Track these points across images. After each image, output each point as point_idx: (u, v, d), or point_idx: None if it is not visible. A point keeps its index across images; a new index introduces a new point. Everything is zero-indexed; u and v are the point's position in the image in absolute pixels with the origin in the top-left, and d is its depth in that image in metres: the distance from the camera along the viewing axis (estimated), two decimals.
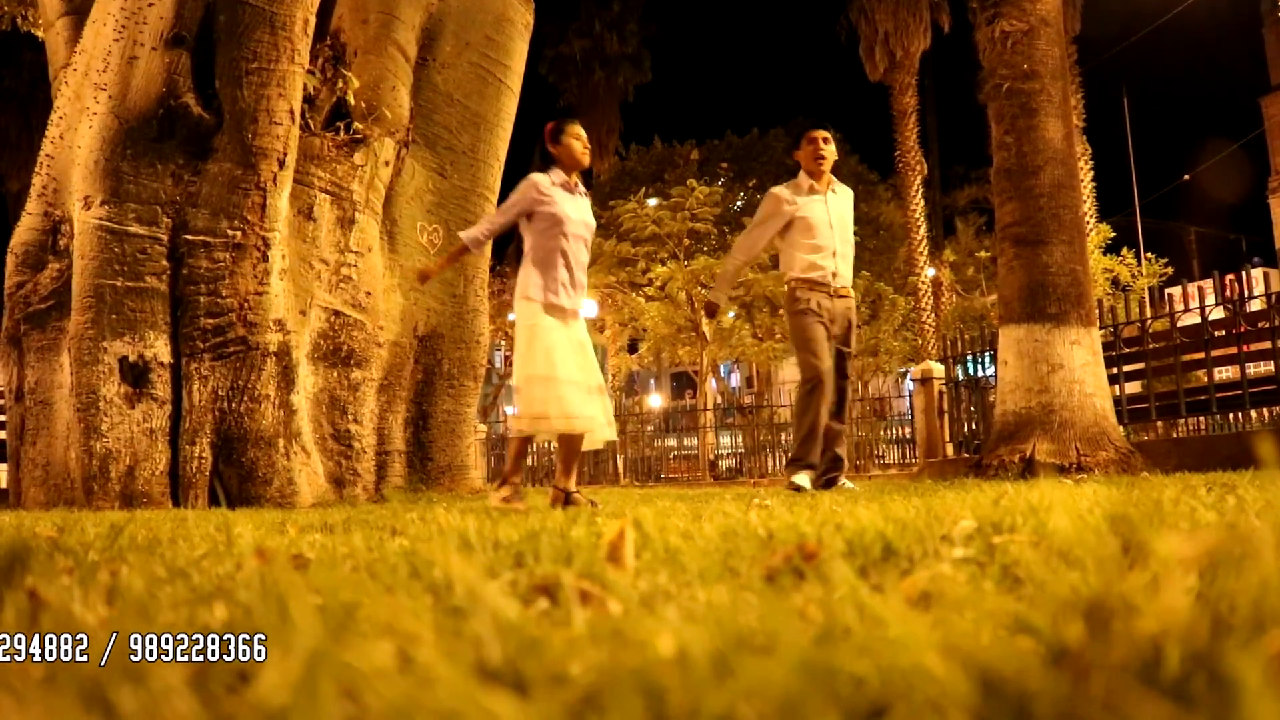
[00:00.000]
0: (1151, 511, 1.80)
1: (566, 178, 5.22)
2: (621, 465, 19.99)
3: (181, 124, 7.05)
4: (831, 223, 6.42)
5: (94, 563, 1.62)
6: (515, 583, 1.10)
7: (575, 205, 5.20)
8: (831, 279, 6.36)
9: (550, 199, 5.13)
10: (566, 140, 5.25)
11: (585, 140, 5.34)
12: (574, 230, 5.13)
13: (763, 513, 2.40)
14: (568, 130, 5.29)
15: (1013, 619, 0.69)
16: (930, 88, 31.26)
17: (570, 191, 5.21)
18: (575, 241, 5.13)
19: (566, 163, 5.25)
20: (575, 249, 5.14)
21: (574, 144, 5.25)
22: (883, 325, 26.14)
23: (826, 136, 6.49)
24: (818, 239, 6.36)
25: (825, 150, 6.44)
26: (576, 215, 5.17)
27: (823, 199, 6.43)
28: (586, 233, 5.25)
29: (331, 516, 3.94)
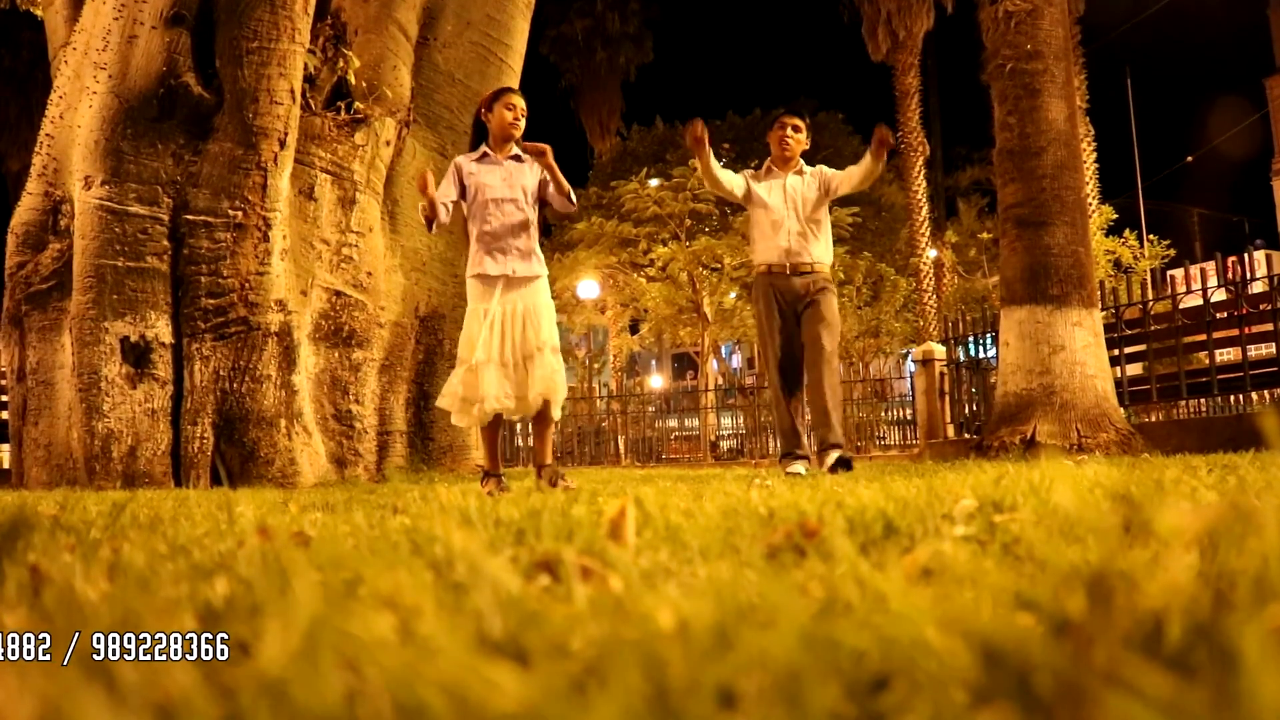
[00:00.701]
0: (1152, 490, 1.80)
1: (491, 150, 5.22)
2: (623, 446, 20.01)
3: (182, 103, 7.03)
4: (791, 202, 6.35)
5: (96, 540, 1.63)
6: (516, 559, 1.10)
7: (496, 172, 5.18)
8: (786, 258, 6.30)
9: (467, 172, 5.19)
10: (496, 108, 5.22)
11: (520, 109, 5.24)
12: (493, 195, 5.13)
13: (764, 492, 2.41)
14: (500, 99, 5.26)
15: (1014, 593, 0.69)
16: (933, 68, 31.13)
17: (492, 162, 5.20)
18: (496, 207, 5.13)
19: (495, 132, 5.24)
20: (497, 214, 5.12)
21: (504, 113, 5.20)
22: (884, 306, 26.12)
23: (798, 125, 6.43)
24: (774, 218, 6.32)
25: (791, 138, 6.37)
26: (497, 180, 5.16)
27: (781, 182, 6.38)
28: (512, 192, 5.16)
29: (333, 496, 3.94)
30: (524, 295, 5.11)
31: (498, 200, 5.13)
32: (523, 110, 5.26)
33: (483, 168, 5.20)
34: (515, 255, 5.11)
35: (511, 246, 5.11)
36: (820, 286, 6.26)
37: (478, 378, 4.97)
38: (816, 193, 6.39)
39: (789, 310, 6.26)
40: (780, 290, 6.26)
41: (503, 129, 5.21)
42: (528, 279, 5.14)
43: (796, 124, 6.42)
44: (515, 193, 5.16)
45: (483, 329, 5.01)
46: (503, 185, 5.15)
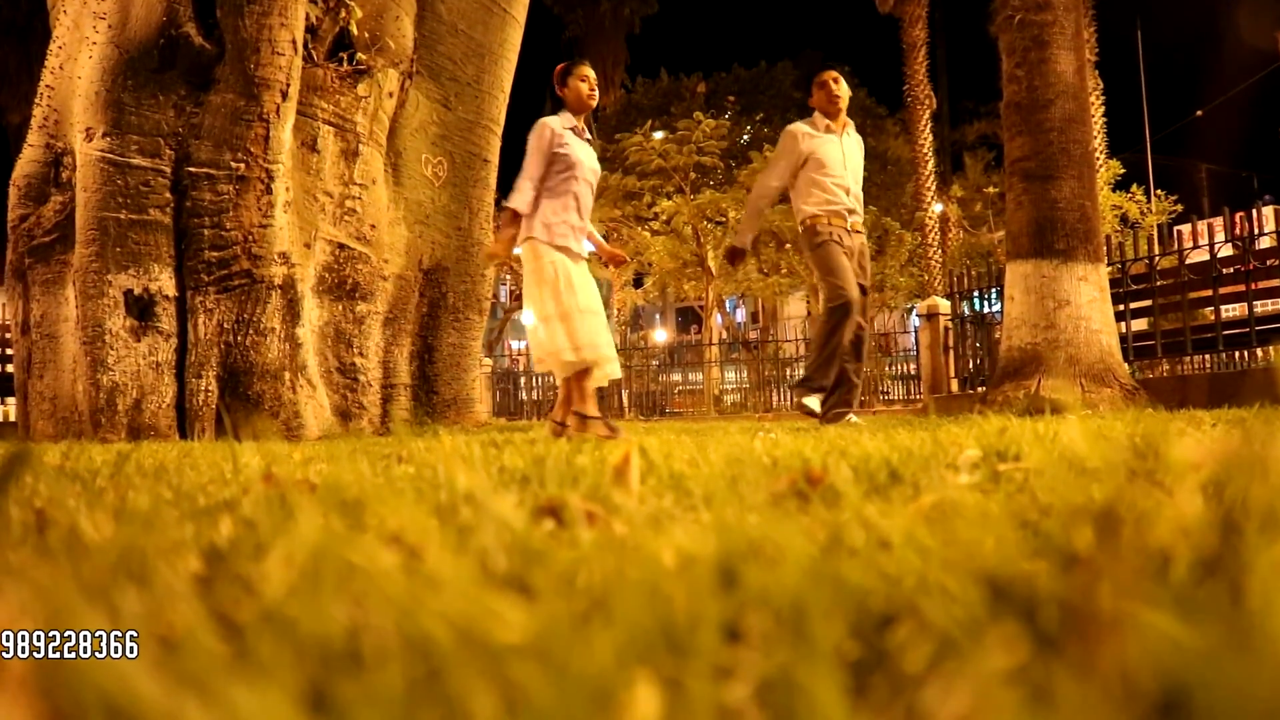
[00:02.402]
0: (1158, 439, 1.80)
1: (575, 121, 5.24)
2: (626, 400, 20.05)
3: (183, 54, 6.97)
4: (846, 163, 6.41)
5: (101, 487, 1.63)
6: (521, 503, 1.11)
7: (585, 150, 5.24)
8: (845, 216, 6.35)
9: (566, 143, 5.17)
10: (573, 83, 5.26)
11: (593, 81, 5.31)
12: (585, 175, 5.18)
13: (768, 442, 2.41)
14: (575, 72, 5.28)
15: (1020, 533, 0.69)
16: (941, 20, 30.79)
17: (579, 136, 5.23)
18: (585, 186, 5.17)
19: (573, 105, 5.27)
20: (585, 193, 5.17)
21: (580, 86, 5.24)
22: (889, 260, 26.05)
23: (837, 76, 6.49)
24: (834, 176, 6.34)
25: (839, 90, 6.44)
26: (588, 160, 5.22)
27: (838, 139, 6.41)
28: (594, 178, 5.29)
29: (338, 448, 3.96)
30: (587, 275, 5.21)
31: (585, 179, 5.20)
32: (595, 81, 5.33)
33: (575, 141, 5.23)
34: (583, 235, 5.23)
35: (582, 227, 5.22)
36: (866, 252, 6.47)
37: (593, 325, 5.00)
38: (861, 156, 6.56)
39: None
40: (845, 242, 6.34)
41: (580, 101, 5.27)
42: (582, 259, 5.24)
43: (836, 76, 6.53)
44: (596, 175, 5.28)
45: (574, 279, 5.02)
46: (588, 164, 5.23)
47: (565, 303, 4.97)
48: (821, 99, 6.48)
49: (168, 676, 0.45)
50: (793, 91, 26.86)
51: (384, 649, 0.49)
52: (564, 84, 5.29)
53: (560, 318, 4.97)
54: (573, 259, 5.11)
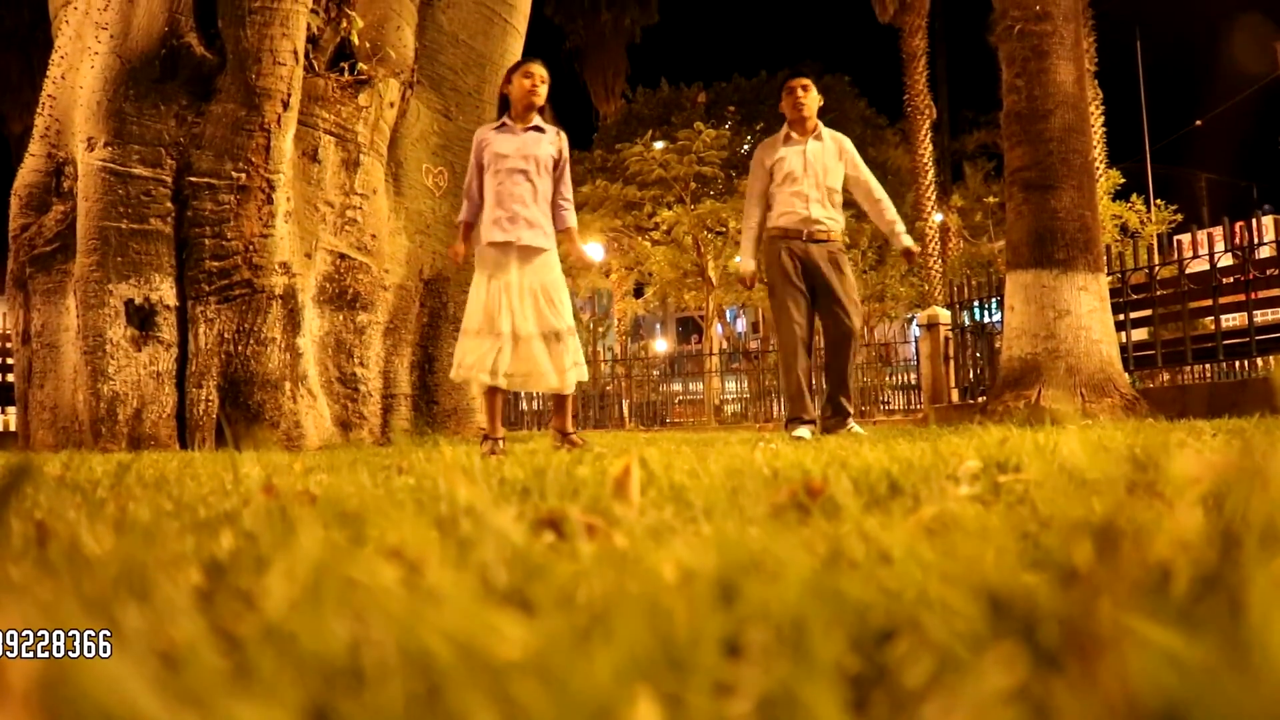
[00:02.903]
0: (1158, 450, 1.80)
1: (510, 120, 5.21)
2: (627, 410, 20.05)
3: (184, 64, 6.99)
4: (811, 168, 6.37)
5: (101, 498, 1.63)
6: (521, 516, 1.11)
7: (512, 140, 5.17)
8: (805, 224, 6.31)
9: (486, 142, 5.22)
10: (516, 79, 5.24)
11: (539, 78, 5.23)
12: (508, 165, 5.13)
13: (768, 453, 2.41)
14: (520, 69, 5.27)
15: (1020, 546, 0.69)
16: (941, 30, 30.85)
17: (510, 131, 5.19)
18: (510, 175, 5.12)
19: (515, 101, 5.23)
20: (511, 182, 5.12)
21: (523, 82, 5.20)
22: (889, 270, 26.06)
23: (805, 84, 6.47)
24: (795, 185, 6.34)
25: (804, 99, 6.41)
26: (510, 149, 5.15)
27: (802, 147, 6.39)
28: (526, 164, 5.16)
29: (338, 458, 3.95)
30: (536, 270, 5.13)
31: (509, 170, 5.13)
32: (542, 77, 5.24)
33: (499, 136, 5.21)
34: (523, 224, 5.09)
35: (519, 216, 5.09)
36: (838, 256, 6.33)
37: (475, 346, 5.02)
38: (836, 161, 6.44)
39: (804, 276, 6.29)
40: (797, 255, 6.29)
41: (523, 97, 5.20)
42: (536, 250, 5.14)
43: (804, 84, 6.46)
44: (527, 163, 5.15)
45: (486, 299, 5.05)
46: (515, 154, 5.15)
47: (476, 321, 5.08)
48: (786, 105, 6.48)
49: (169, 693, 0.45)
50: None
51: (385, 665, 0.49)
52: (508, 81, 5.28)
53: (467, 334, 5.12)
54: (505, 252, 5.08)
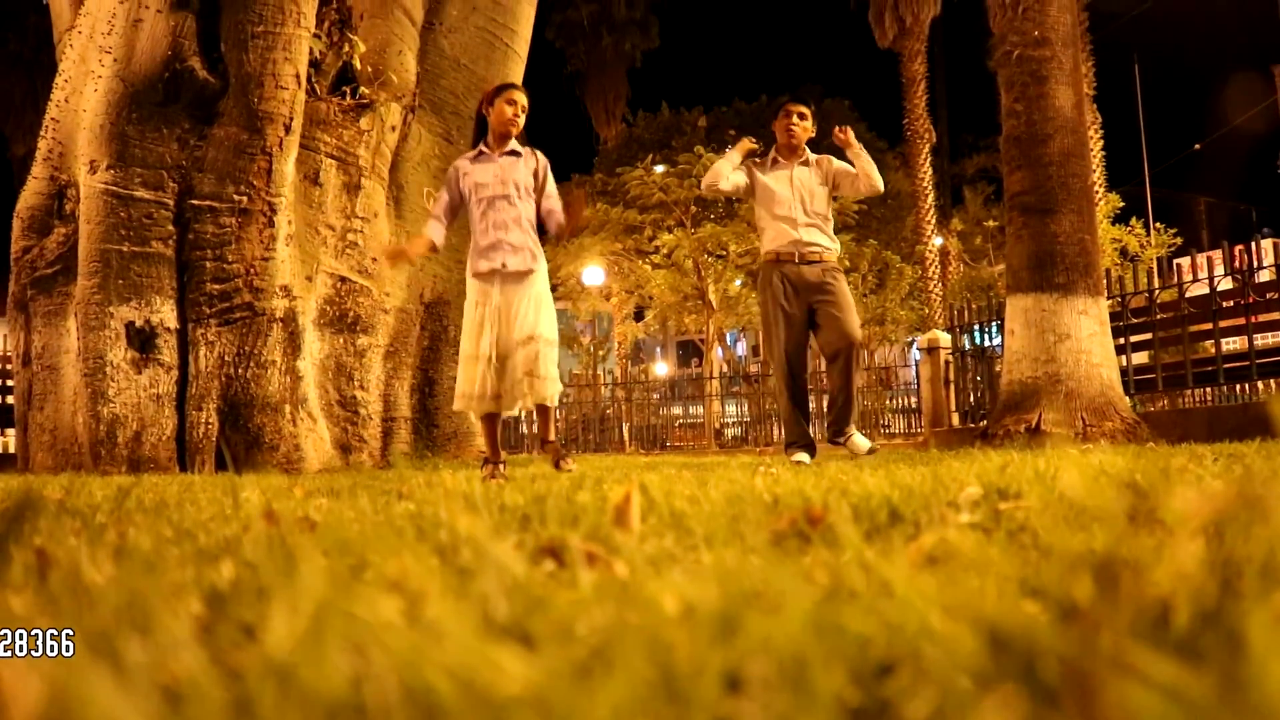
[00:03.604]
0: (1158, 478, 1.80)
1: (488, 147, 5.21)
2: (627, 433, 20.03)
3: (187, 88, 7.02)
4: (798, 193, 6.36)
5: (101, 524, 1.63)
6: (522, 544, 1.11)
7: (490, 168, 5.16)
8: (795, 247, 6.31)
9: (464, 173, 5.22)
10: (498, 103, 5.20)
11: (520, 105, 5.22)
12: (487, 193, 5.13)
13: (769, 479, 2.41)
14: (501, 94, 5.25)
15: (1020, 579, 0.69)
16: (940, 55, 31.02)
17: (488, 159, 5.19)
18: (491, 203, 5.12)
19: (494, 126, 5.21)
20: (493, 210, 5.12)
21: (504, 108, 5.17)
22: (889, 294, 26.08)
23: (803, 113, 6.43)
24: (780, 209, 6.33)
25: (796, 126, 6.39)
26: (489, 177, 5.14)
27: (789, 172, 6.39)
28: (504, 189, 5.14)
29: (338, 482, 3.95)
30: (522, 289, 5.10)
31: (490, 198, 5.13)
32: (523, 106, 5.22)
33: (476, 166, 5.20)
34: (507, 250, 5.08)
35: (503, 242, 5.09)
36: (831, 274, 6.30)
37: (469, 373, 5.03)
38: (822, 185, 6.41)
39: (799, 299, 6.27)
40: (790, 278, 6.27)
41: (502, 124, 5.18)
42: (521, 274, 5.11)
43: (802, 112, 6.43)
44: (507, 189, 5.13)
45: (473, 326, 5.08)
46: (495, 182, 5.14)
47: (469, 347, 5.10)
48: (779, 128, 6.44)
49: None
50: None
51: (386, 702, 0.49)
52: (490, 103, 5.24)
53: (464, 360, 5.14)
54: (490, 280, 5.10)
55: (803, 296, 6.26)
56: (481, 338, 5.03)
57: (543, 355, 5.04)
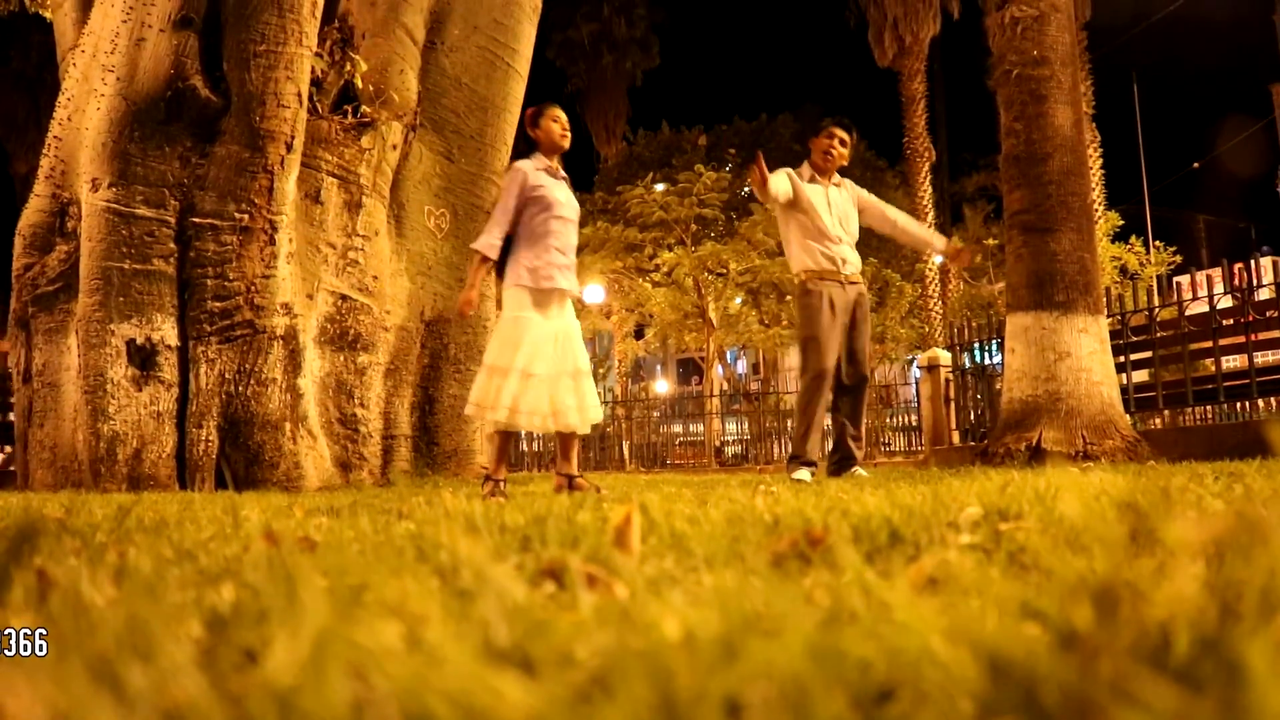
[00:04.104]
0: (1158, 499, 1.80)
1: (549, 162, 5.25)
2: (627, 451, 20.00)
3: (189, 106, 7.04)
4: (835, 212, 6.39)
5: (102, 543, 1.63)
6: (522, 566, 1.11)
7: (562, 188, 5.22)
8: (841, 265, 6.32)
9: (541, 184, 5.18)
10: (545, 123, 5.26)
11: (565, 123, 5.31)
12: (562, 213, 5.16)
13: (769, 499, 2.41)
14: (546, 113, 5.30)
15: (1020, 603, 0.69)
16: (939, 74, 31.13)
17: (554, 176, 5.23)
18: (564, 224, 5.15)
19: (545, 146, 5.27)
20: (565, 231, 5.15)
21: (553, 126, 5.25)
22: (889, 312, 26.08)
23: (844, 139, 6.43)
24: (822, 225, 6.32)
25: (836, 150, 6.41)
26: (564, 198, 5.19)
27: (824, 191, 6.40)
28: (574, 215, 5.26)
29: (338, 500, 3.95)
30: (565, 313, 5.18)
31: (560, 217, 5.16)
32: (566, 122, 5.35)
33: (550, 181, 5.22)
34: (565, 270, 5.16)
35: (567, 264, 5.16)
36: (864, 300, 6.35)
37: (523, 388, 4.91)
38: (853, 207, 6.46)
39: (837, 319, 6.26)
40: (836, 299, 6.26)
41: (553, 142, 5.28)
42: (566, 295, 5.20)
43: (844, 138, 6.45)
44: (575, 212, 5.24)
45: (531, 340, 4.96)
46: (568, 203, 5.21)
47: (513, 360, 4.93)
48: (818, 146, 6.44)
49: None
50: (793, 144, 27.06)
51: None
52: (536, 125, 5.30)
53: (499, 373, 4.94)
54: (552, 300, 5.10)
55: (839, 318, 6.26)
56: (520, 352, 4.93)
57: (589, 388, 5.13)
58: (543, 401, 4.92)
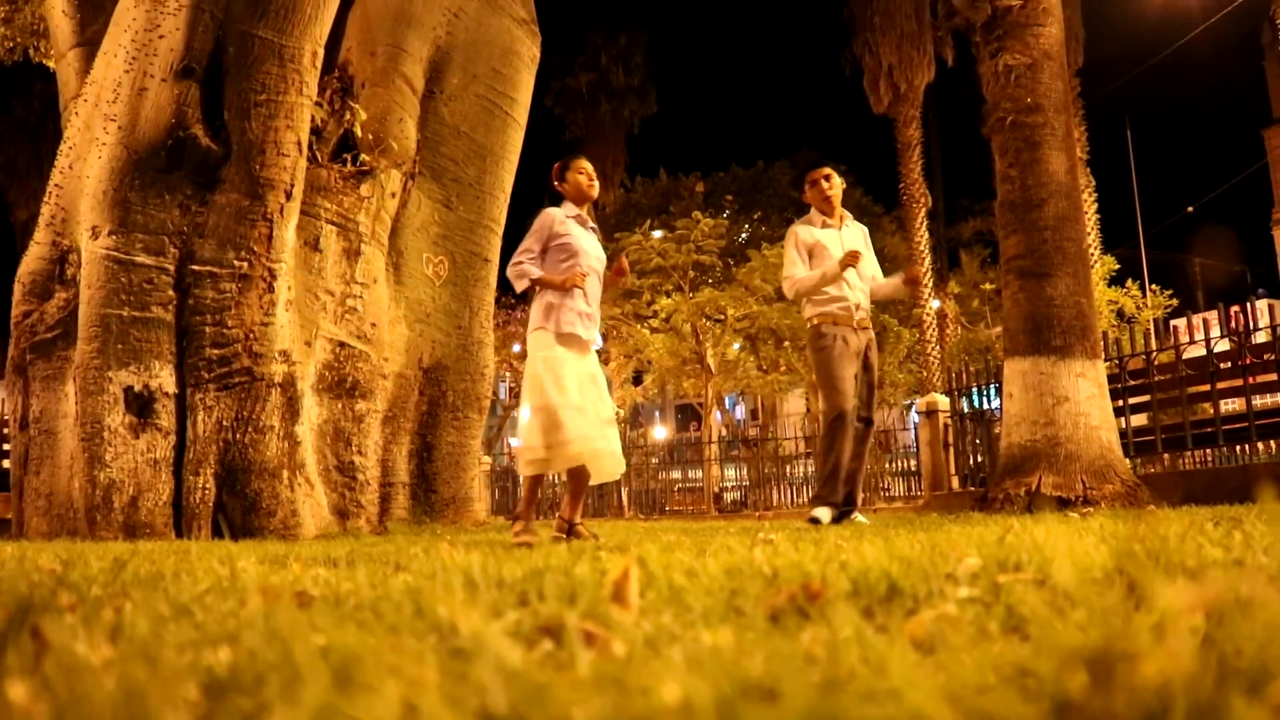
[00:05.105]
0: (1158, 549, 1.79)
1: (578, 211, 5.30)
2: (626, 498, 19.93)
3: (190, 155, 7.09)
4: None
5: (98, 598, 1.62)
6: (520, 623, 1.10)
7: (589, 239, 5.27)
8: (854, 310, 6.38)
9: (567, 232, 5.20)
10: (572, 176, 5.33)
11: (591, 173, 5.39)
12: (589, 263, 5.19)
13: (767, 549, 2.40)
14: (572, 166, 5.36)
15: (1017, 667, 0.69)
16: (934, 120, 31.38)
17: (583, 225, 5.28)
18: (590, 274, 5.18)
19: (574, 197, 5.32)
20: (590, 281, 5.18)
21: (579, 178, 5.32)
22: (887, 357, 26.11)
23: (828, 173, 6.56)
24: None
25: (830, 187, 6.50)
26: (591, 249, 5.24)
27: (837, 233, 6.47)
28: (599, 266, 5.30)
29: (335, 549, 3.93)
30: (591, 362, 5.18)
31: (591, 267, 5.21)
32: (593, 173, 5.41)
33: (580, 231, 5.27)
34: (592, 323, 5.18)
35: (589, 313, 5.17)
36: (873, 347, 6.42)
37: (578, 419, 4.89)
38: (866, 249, 6.51)
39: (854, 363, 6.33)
40: (847, 341, 6.32)
41: (580, 193, 5.33)
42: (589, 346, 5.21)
43: (827, 173, 6.58)
44: (601, 263, 5.29)
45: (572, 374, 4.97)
46: (594, 252, 5.25)
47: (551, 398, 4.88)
48: (815, 196, 6.55)
49: None
50: (790, 190, 27.22)
51: None
52: (563, 179, 5.36)
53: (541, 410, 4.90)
54: (580, 348, 5.10)
55: (853, 363, 6.33)
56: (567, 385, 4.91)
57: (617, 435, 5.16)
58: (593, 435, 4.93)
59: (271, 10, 7.31)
